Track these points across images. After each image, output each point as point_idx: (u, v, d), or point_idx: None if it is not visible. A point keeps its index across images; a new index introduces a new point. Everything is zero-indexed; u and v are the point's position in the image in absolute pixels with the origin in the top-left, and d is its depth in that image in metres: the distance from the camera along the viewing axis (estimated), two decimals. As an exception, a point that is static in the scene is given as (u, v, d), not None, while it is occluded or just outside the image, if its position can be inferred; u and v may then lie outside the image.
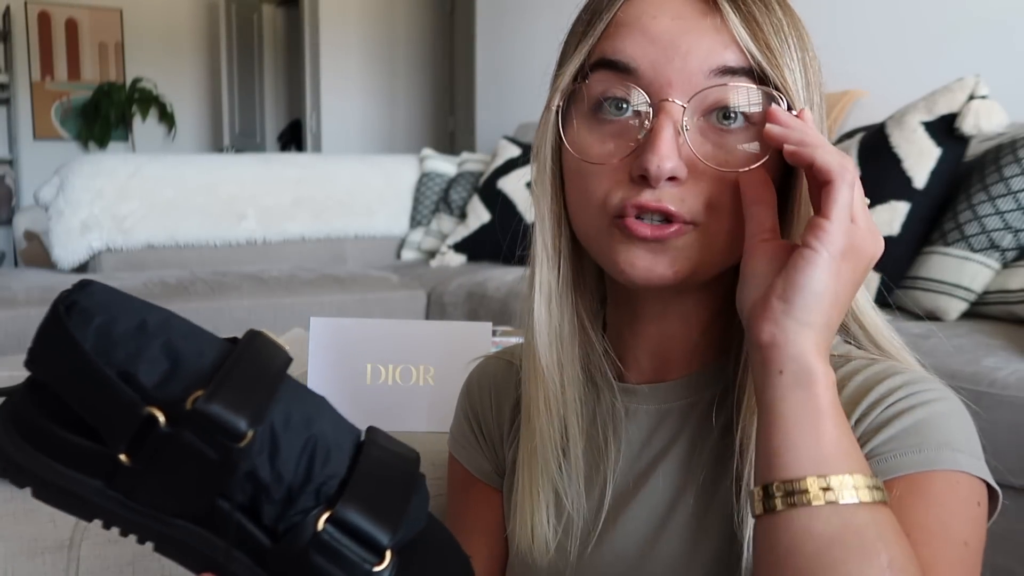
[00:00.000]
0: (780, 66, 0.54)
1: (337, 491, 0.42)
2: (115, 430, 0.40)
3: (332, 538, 0.41)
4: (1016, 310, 1.62)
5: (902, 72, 2.26)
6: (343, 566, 0.41)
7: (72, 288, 0.42)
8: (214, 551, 0.42)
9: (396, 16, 5.28)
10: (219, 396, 0.39)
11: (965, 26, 2.22)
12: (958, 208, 1.70)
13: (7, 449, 0.43)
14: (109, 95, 6.13)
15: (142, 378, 0.40)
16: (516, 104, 3.73)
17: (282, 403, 0.42)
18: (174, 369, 0.41)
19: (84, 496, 0.42)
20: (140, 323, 0.41)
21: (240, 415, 0.39)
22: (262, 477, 0.41)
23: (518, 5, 3.76)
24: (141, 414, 0.39)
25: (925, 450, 0.52)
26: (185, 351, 0.41)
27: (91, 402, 0.40)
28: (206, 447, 0.39)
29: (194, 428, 0.39)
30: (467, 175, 3.09)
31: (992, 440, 0.58)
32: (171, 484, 0.41)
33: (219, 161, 3.25)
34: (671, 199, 0.53)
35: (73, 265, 2.69)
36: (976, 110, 1.74)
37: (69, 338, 0.40)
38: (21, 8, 6.00)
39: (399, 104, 5.36)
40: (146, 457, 0.40)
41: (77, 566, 0.76)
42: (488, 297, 2.36)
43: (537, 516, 0.63)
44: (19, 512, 0.77)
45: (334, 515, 0.42)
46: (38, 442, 0.42)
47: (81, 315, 0.41)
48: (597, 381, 0.64)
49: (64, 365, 0.41)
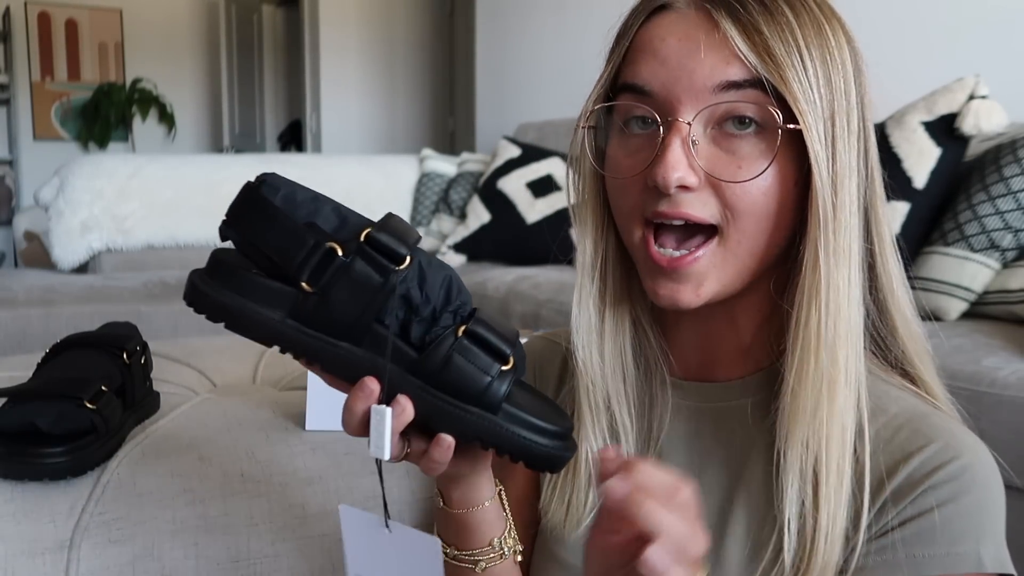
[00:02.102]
0: (783, 72, 0.55)
1: (469, 314, 0.55)
2: (301, 264, 0.52)
3: (469, 344, 0.54)
4: (1016, 310, 1.62)
5: (902, 72, 2.26)
6: (479, 363, 0.54)
7: (256, 177, 0.55)
8: (372, 365, 0.53)
9: (396, 16, 5.28)
10: (386, 230, 0.53)
11: (965, 26, 2.22)
12: (958, 208, 1.70)
13: (206, 291, 0.53)
14: (109, 95, 6.13)
15: (321, 225, 0.53)
16: (516, 104, 3.73)
17: (422, 251, 0.55)
18: (343, 222, 0.53)
19: (268, 324, 0.53)
20: (315, 195, 0.54)
21: (401, 244, 0.52)
22: (414, 298, 0.53)
23: (518, 5, 3.76)
24: (323, 247, 0.52)
25: (952, 553, 0.54)
26: (349, 214, 0.54)
27: (282, 244, 0.52)
28: (373, 272, 0.52)
29: (365, 257, 0.52)
30: (467, 175, 3.09)
31: (992, 440, 0.59)
32: (340, 309, 0.52)
33: (219, 161, 3.25)
34: (690, 204, 0.57)
35: (73, 265, 2.69)
36: (976, 110, 1.74)
37: (264, 200, 0.53)
38: (21, 8, 6.00)
39: (399, 104, 5.36)
40: (324, 284, 0.52)
41: (77, 566, 0.76)
42: (488, 297, 2.36)
43: (575, 495, 0.66)
44: (19, 512, 0.77)
45: (468, 329, 0.54)
46: (231, 285, 0.53)
47: (270, 187, 0.53)
48: (648, 373, 0.67)
49: (260, 220, 0.53)
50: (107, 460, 0.84)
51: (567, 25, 3.42)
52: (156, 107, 6.33)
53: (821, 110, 0.56)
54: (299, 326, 0.53)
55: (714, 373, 0.66)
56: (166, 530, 0.80)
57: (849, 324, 0.58)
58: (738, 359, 0.65)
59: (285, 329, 0.53)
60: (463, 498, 0.62)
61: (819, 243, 0.57)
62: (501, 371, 0.54)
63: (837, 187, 0.57)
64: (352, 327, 0.53)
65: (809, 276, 0.57)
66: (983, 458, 0.57)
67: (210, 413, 0.99)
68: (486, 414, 0.54)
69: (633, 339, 0.67)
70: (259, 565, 0.82)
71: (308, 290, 0.52)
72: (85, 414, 0.80)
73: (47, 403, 0.79)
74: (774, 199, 0.57)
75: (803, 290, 0.58)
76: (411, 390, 0.53)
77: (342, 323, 0.53)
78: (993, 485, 0.57)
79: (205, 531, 0.81)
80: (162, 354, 1.20)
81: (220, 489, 0.84)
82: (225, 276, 0.53)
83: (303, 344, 0.53)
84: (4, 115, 6.16)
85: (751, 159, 0.57)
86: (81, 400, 0.80)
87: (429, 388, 0.54)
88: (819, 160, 0.56)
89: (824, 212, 0.56)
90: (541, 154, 2.90)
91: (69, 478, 0.80)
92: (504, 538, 0.64)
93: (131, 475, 0.83)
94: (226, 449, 0.89)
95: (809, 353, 0.57)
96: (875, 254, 0.62)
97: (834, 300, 0.57)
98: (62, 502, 0.79)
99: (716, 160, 0.57)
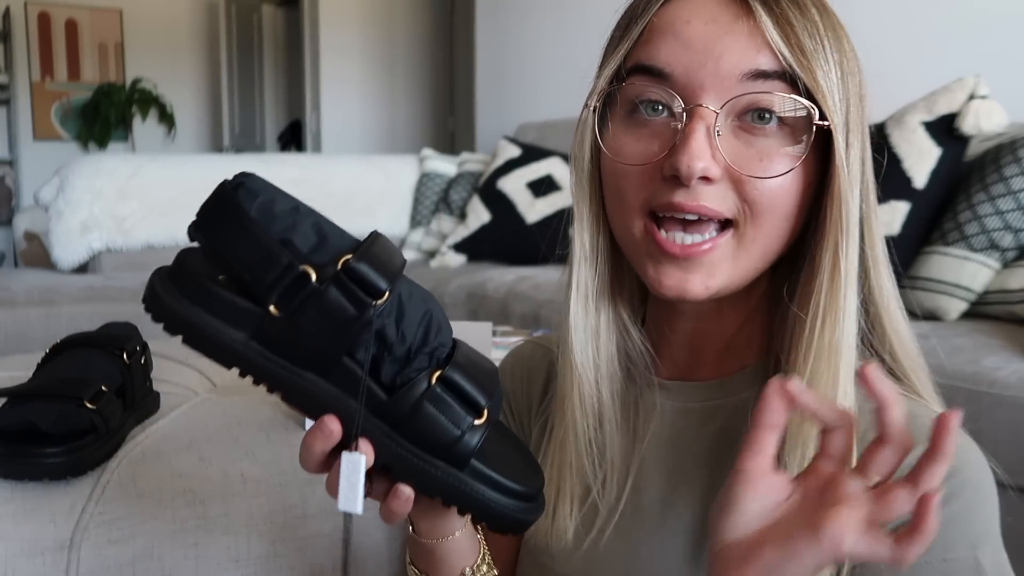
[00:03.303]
0: (813, 68, 0.53)
1: (446, 358, 0.51)
2: (271, 285, 0.47)
3: (442, 392, 0.50)
4: (1016, 310, 1.62)
5: (902, 72, 2.26)
6: (450, 415, 0.49)
7: (236, 175, 0.49)
8: (337, 402, 0.49)
9: (396, 16, 5.28)
10: (366, 259, 0.47)
11: (965, 26, 2.22)
12: (958, 208, 1.70)
13: (165, 300, 0.48)
14: (109, 95, 6.13)
15: (298, 244, 0.48)
16: (516, 104, 3.73)
17: (405, 282, 0.50)
18: (322, 242, 0.48)
19: (229, 345, 0.48)
20: (295, 206, 0.49)
21: (381, 276, 0.47)
22: (389, 335, 0.49)
23: (518, 5, 3.76)
24: (296, 270, 0.47)
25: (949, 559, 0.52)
26: (330, 232, 0.49)
27: (252, 260, 0.47)
28: (347, 303, 0.47)
29: (340, 286, 0.47)
30: (467, 175, 3.09)
31: (992, 440, 0.58)
32: (308, 338, 0.48)
33: (219, 161, 3.26)
34: (708, 197, 0.54)
35: (73, 265, 2.69)
36: (976, 110, 1.74)
37: (238, 207, 0.47)
38: (21, 8, 6.00)
39: (399, 104, 5.36)
40: (293, 310, 0.47)
41: (77, 566, 0.76)
42: (488, 297, 2.36)
43: (561, 503, 0.64)
44: (19, 512, 0.77)
45: (443, 375, 0.50)
46: (194, 296, 0.48)
47: (247, 192, 0.48)
48: (633, 375, 0.65)
49: (231, 229, 0.47)
50: (107, 460, 0.84)
51: (567, 25, 3.42)
52: (156, 107, 6.33)
53: (842, 112, 0.55)
54: (263, 350, 0.48)
55: (698, 372, 0.64)
56: (166, 530, 0.80)
57: (843, 333, 0.56)
58: (722, 357, 0.63)
59: (248, 353, 0.48)
60: (431, 529, 0.59)
61: (840, 249, 0.55)
62: (473, 425, 0.50)
63: (851, 192, 0.55)
64: (320, 358, 0.48)
65: (827, 283, 0.55)
66: (973, 458, 0.55)
67: (210, 413, 0.99)
68: (452, 469, 0.50)
69: (619, 339, 0.65)
70: (259, 565, 0.82)
71: (275, 314, 0.47)
72: (85, 414, 0.80)
73: (47, 403, 0.79)
74: (793, 198, 0.55)
75: (819, 297, 0.55)
76: (374, 434, 0.49)
77: (309, 352, 0.48)
78: (985, 486, 0.54)
79: (205, 531, 0.81)
80: (162, 354, 1.20)
81: (220, 489, 0.84)
82: (188, 284, 0.48)
83: (265, 371, 0.49)
84: (4, 115, 6.15)
85: (772, 154, 0.54)
86: (81, 400, 0.80)
87: (394, 435, 0.50)
88: (844, 161, 0.54)
89: (846, 216, 0.54)
90: (541, 154, 2.90)
91: (69, 478, 0.80)
92: (477, 567, 0.62)
93: (131, 475, 0.83)
94: (226, 449, 0.89)
95: (822, 362, 0.55)
96: (868, 267, 0.59)
97: (844, 309, 0.55)
98: (62, 502, 0.79)
99: (738, 153, 0.54)
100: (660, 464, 0.64)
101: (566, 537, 0.64)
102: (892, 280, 0.60)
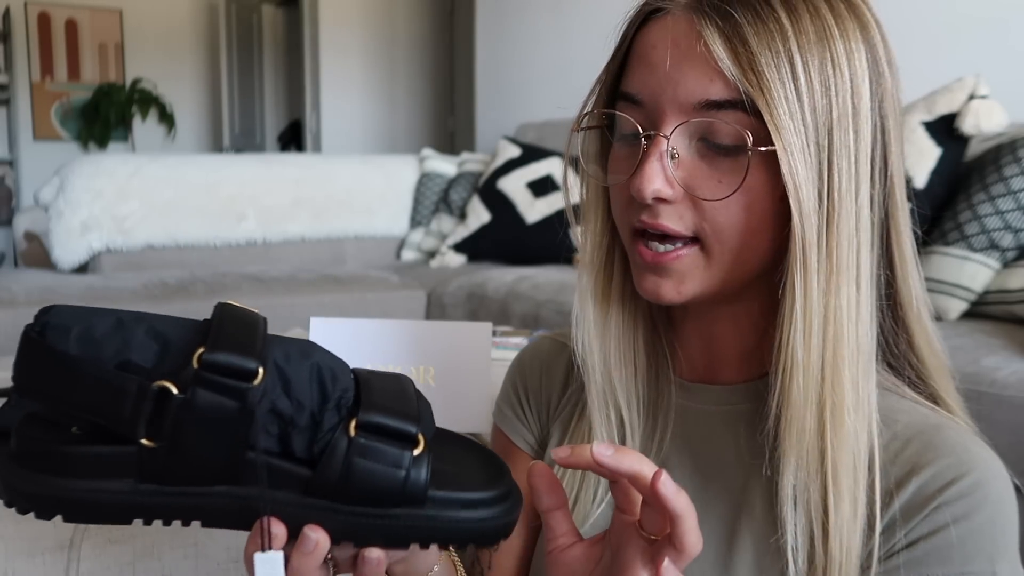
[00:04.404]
0: (768, 85, 0.52)
1: (354, 403, 0.46)
2: (131, 417, 0.41)
3: (366, 440, 0.45)
4: (1016, 310, 1.62)
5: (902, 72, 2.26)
6: (385, 460, 0.45)
7: (36, 316, 0.43)
8: (258, 503, 0.44)
9: (396, 16, 5.28)
10: (220, 345, 0.42)
11: (965, 26, 2.22)
12: (958, 208, 1.70)
13: (22, 487, 0.42)
14: (109, 95, 6.13)
15: (139, 361, 0.42)
16: (516, 104, 3.73)
17: (275, 345, 0.45)
18: (166, 347, 0.43)
19: (117, 500, 0.43)
20: (116, 321, 0.43)
21: (246, 356, 0.42)
22: (283, 409, 0.44)
23: (518, 5, 3.76)
24: (152, 390, 0.41)
25: (967, 572, 0.53)
26: (169, 331, 0.43)
27: (98, 401, 0.41)
28: (223, 398, 0.42)
29: (206, 384, 0.41)
30: (467, 175, 3.09)
31: (992, 440, 0.58)
32: (199, 452, 0.42)
33: (219, 161, 3.25)
34: (668, 217, 0.57)
35: (73, 266, 2.69)
36: (976, 110, 1.74)
37: (54, 352, 0.41)
38: (21, 9, 6.00)
39: (399, 104, 5.36)
40: (168, 433, 0.42)
41: (77, 566, 0.76)
42: (488, 297, 2.36)
43: (583, 495, 0.65)
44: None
45: (360, 422, 0.45)
46: (53, 467, 0.42)
47: (56, 332, 0.42)
48: (653, 375, 0.67)
49: (59, 377, 0.41)
50: (107, 460, 0.84)
51: (567, 25, 3.42)
52: (156, 107, 6.33)
53: (814, 124, 0.53)
54: (157, 488, 0.43)
55: (718, 375, 0.65)
56: (166, 530, 0.80)
57: (856, 346, 0.55)
58: (742, 362, 0.63)
59: (141, 498, 0.43)
60: (410, 571, 0.57)
61: (797, 268, 0.54)
62: (414, 457, 0.45)
63: (835, 203, 0.54)
64: (221, 466, 0.43)
65: (789, 299, 0.54)
66: (996, 473, 0.55)
67: (210, 413, 0.98)
68: (413, 511, 0.46)
69: (645, 336, 0.66)
70: (259, 565, 0.82)
71: (151, 445, 0.42)
72: (85, 414, 0.80)
73: (47, 403, 0.79)
74: (755, 214, 0.55)
75: (783, 313, 0.55)
76: (316, 515, 0.45)
77: (208, 466, 0.43)
78: (1007, 501, 0.54)
79: (205, 531, 0.81)
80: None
81: (220, 489, 0.84)
82: (40, 457, 0.42)
83: (170, 507, 0.43)
84: (4, 115, 6.16)
85: (730, 175, 0.55)
86: (81, 400, 0.80)
87: (337, 506, 0.45)
88: (798, 182, 0.53)
89: (803, 237, 0.53)
90: (541, 154, 2.90)
91: (69, 478, 0.80)
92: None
93: (131, 475, 0.83)
94: (226, 449, 0.89)
95: (791, 379, 0.55)
96: (895, 268, 0.59)
97: (833, 323, 0.54)
98: (62, 502, 0.79)
99: (696, 174, 0.56)
100: (684, 466, 0.64)
101: (587, 523, 0.64)
102: (921, 281, 0.61)
